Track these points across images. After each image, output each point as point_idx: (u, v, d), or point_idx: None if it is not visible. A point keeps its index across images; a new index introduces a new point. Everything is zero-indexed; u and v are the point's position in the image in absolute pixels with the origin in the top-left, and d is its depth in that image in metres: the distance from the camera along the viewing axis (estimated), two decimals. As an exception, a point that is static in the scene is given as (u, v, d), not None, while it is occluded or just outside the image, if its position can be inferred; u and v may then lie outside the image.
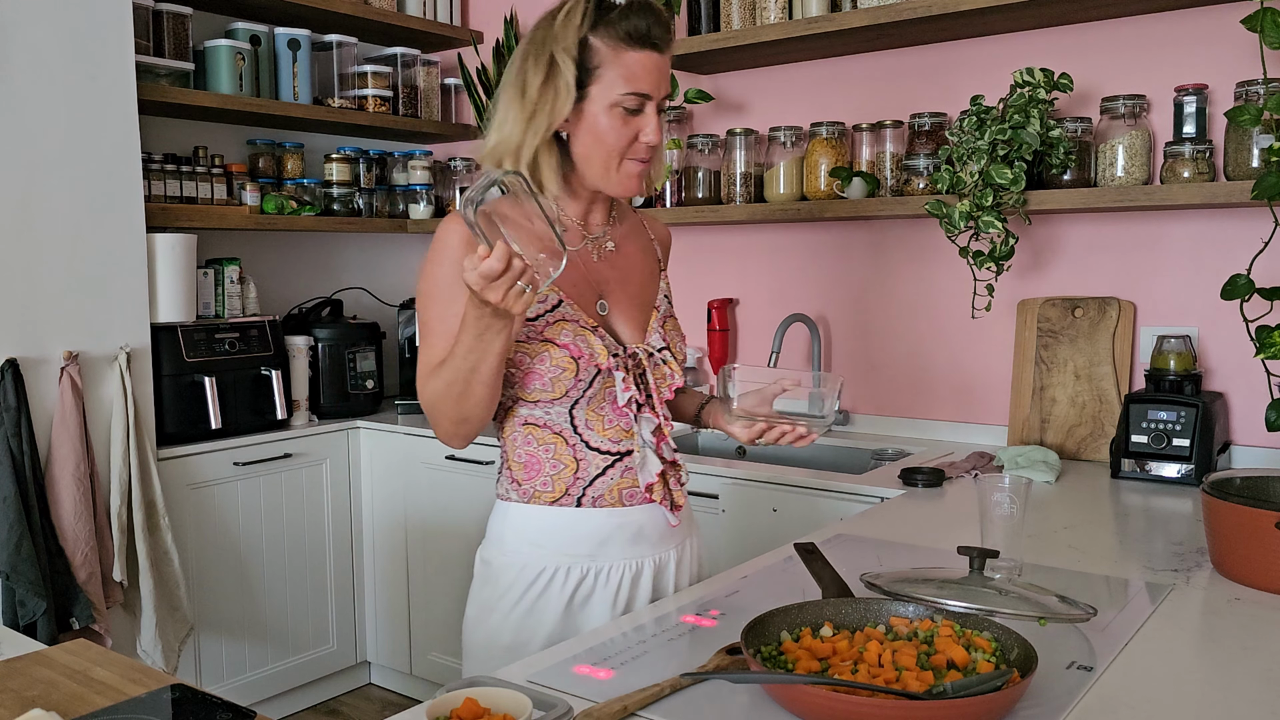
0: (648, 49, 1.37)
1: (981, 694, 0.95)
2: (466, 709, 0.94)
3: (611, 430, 1.44)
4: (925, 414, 2.71)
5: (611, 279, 1.49)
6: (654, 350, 1.49)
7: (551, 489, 1.43)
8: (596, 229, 1.50)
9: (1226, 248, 2.26)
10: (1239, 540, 1.44)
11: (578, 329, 1.40)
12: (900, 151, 2.57)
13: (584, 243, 1.48)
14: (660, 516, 1.48)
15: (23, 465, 2.32)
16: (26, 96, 2.37)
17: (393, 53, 3.44)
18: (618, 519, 1.45)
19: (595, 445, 1.43)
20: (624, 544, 1.46)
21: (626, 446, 1.45)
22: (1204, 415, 2.09)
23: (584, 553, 1.44)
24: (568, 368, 1.39)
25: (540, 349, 1.39)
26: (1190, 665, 1.20)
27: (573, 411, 1.42)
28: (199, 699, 1.09)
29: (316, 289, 3.48)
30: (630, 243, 1.55)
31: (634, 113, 1.38)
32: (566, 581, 1.43)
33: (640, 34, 1.36)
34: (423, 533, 2.99)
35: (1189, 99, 2.18)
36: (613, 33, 1.36)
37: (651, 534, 1.48)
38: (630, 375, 1.43)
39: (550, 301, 1.40)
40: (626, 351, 1.45)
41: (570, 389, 1.40)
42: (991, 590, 1.20)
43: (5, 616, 2.27)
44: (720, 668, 1.12)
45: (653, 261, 1.58)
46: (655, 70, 1.38)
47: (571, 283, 1.43)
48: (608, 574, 1.45)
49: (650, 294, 1.54)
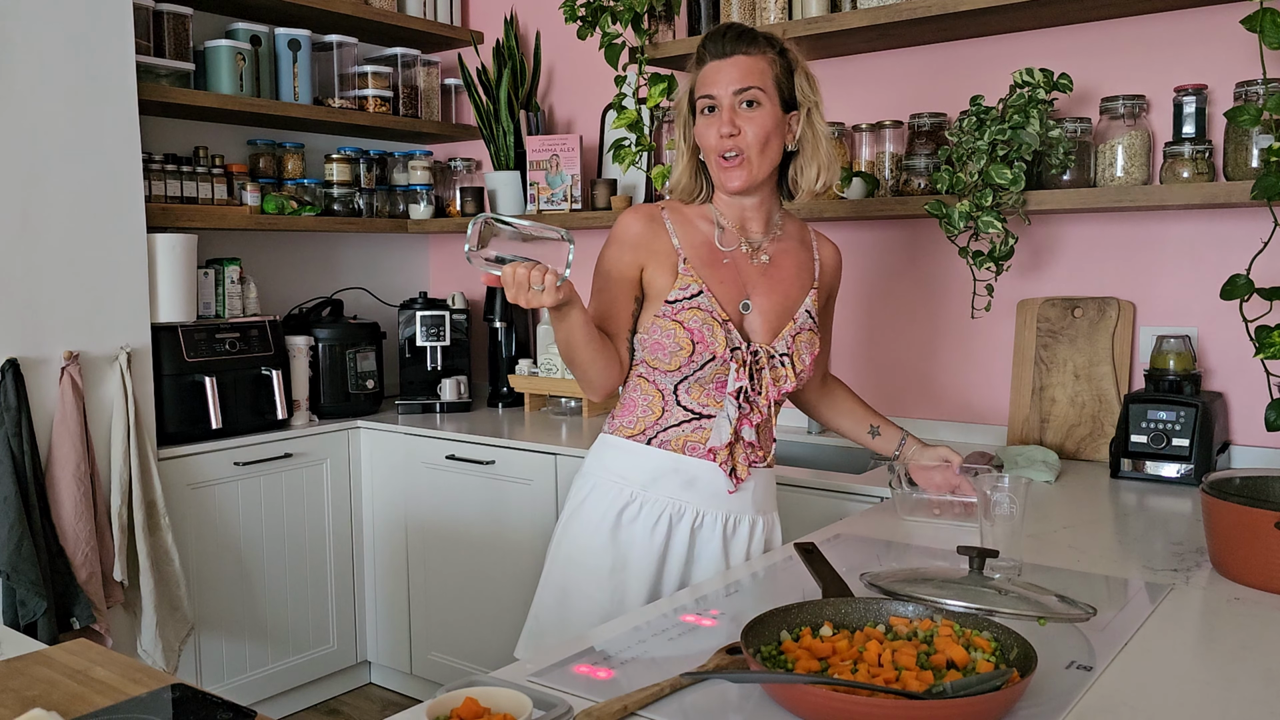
0: (711, 60, 1.64)
1: (981, 694, 0.96)
2: (466, 709, 0.94)
3: (705, 398, 1.65)
4: (925, 414, 2.71)
5: (761, 284, 1.68)
6: (775, 354, 1.66)
7: (634, 426, 1.68)
8: (755, 235, 1.71)
9: (1226, 248, 2.26)
10: (1238, 540, 1.44)
11: (708, 319, 1.61)
12: (900, 151, 2.58)
13: (739, 245, 1.69)
14: (719, 477, 1.65)
15: (23, 465, 2.32)
16: (27, 96, 2.37)
17: (393, 53, 3.44)
18: (673, 463, 1.65)
19: (684, 404, 1.65)
20: (675, 486, 1.65)
21: (712, 411, 1.65)
22: (1203, 415, 2.09)
23: (636, 480, 1.66)
24: (685, 347, 1.60)
25: (669, 326, 1.61)
26: (1190, 665, 1.20)
27: (678, 385, 1.65)
28: (199, 699, 1.09)
29: (317, 289, 3.49)
30: (788, 256, 1.73)
31: (709, 113, 1.63)
32: (614, 500, 1.66)
33: (708, 52, 1.65)
34: (423, 533, 2.99)
35: (1188, 99, 2.18)
36: (697, 64, 1.67)
37: (704, 488, 1.66)
38: (745, 369, 1.62)
39: (690, 290, 1.62)
40: (749, 348, 1.64)
41: (683, 365, 1.62)
42: (991, 590, 1.20)
43: (6, 616, 2.27)
44: (720, 668, 1.12)
45: (807, 277, 1.74)
46: (716, 73, 1.62)
47: (719, 279, 1.65)
48: (650, 506, 1.65)
49: (794, 305, 1.71)
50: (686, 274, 1.63)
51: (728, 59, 1.62)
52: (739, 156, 1.61)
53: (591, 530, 1.68)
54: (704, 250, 1.67)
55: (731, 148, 1.61)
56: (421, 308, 3.30)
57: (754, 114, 1.61)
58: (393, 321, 3.57)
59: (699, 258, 1.66)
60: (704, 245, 1.67)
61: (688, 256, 1.65)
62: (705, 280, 1.64)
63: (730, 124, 1.59)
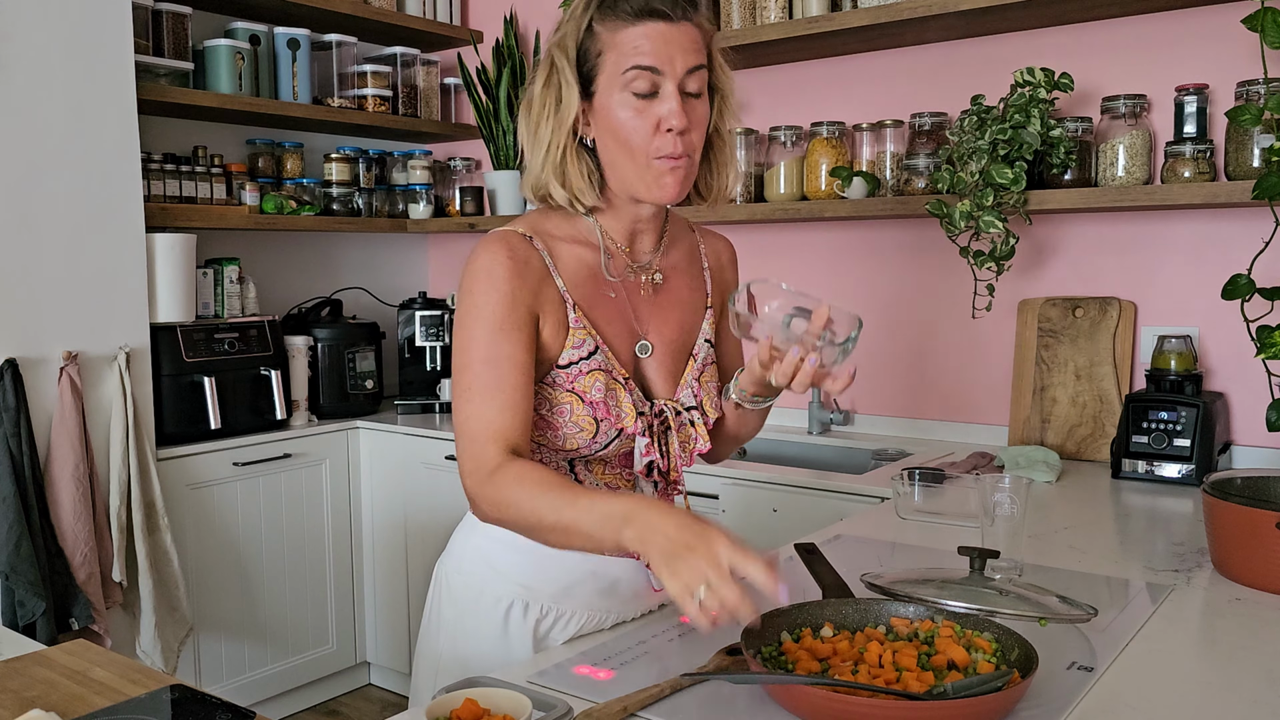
0: (651, 19, 1.17)
1: (982, 694, 0.95)
2: (466, 709, 0.94)
3: (610, 476, 1.30)
4: (925, 414, 2.71)
5: (654, 316, 1.32)
6: (682, 409, 1.31)
7: None
8: (644, 256, 1.33)
9: (1227, 248, 2.26)
10: (1240, 540, 1.44)
11: (610, 381, 1.25)
12: (901, 151, 2.57)
13: (627, 273, 1.31)
14: (641, 576, 1.32)
15: (22, 465, 2.31)
16: (26, 96, 2.37)
17: (392, 52, 3.44)
18: (590, 565, 1.28)
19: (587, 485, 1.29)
20: (593, 593, 1.30)
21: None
22: (1204, 415, 2.08)
23: (547, 592, 1.29)
24: (586, 428, 1.24)
25: (564, 400, 1.23)
26: (1191, 666, 1.19)
27: (573, 462, 1.29)
28: (198, 699, 1.09)
29: (316, 289, 3.48)
30: (679, 275, 1.36)
31: (647, 97, 1.18)
32: (526, 616, 1.29)
33: (639, 7, 1.18)
34: (422, 533, 2.99)
35: (1189, 99, 2.18)
36: (611, 13, 1.19)
37: (626, 591, 1.32)
38: (655, 440, 1.27)
39: (586, 347, 1.24)
40: (653, 409, 1.29)
41: (582, 448, 1.25)
42: (992, 590, 1.19)
43: (5, 617, 2.27)
44: (720, 668, 1.12)
45: (699, 297, 1.38)
46: (663, 40, 1.17)
47: (609, 320, 1.27)
48: (568, 619, 1.30)
49: (690, 338, 1.35)
50: (578, 325, 1.24)
51: (677, 23, 1.19)
52: (687, 160, 1.21)
53: (513, 641, 1.30)
54: (588, 286, 1.27)
55: (683, 149, 1.20)
56: (421, 308, 3.29)
57: (699, 105, 1.22)
58: (392, 321, 3.57)
59: (585, 297, 1.26)
60: (588, 279, 1.27)
61: (575, 300, 1.25)
62: (597, 326, 1.26)
63: (683, 115, 1.18)
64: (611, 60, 1.19)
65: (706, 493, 2.34)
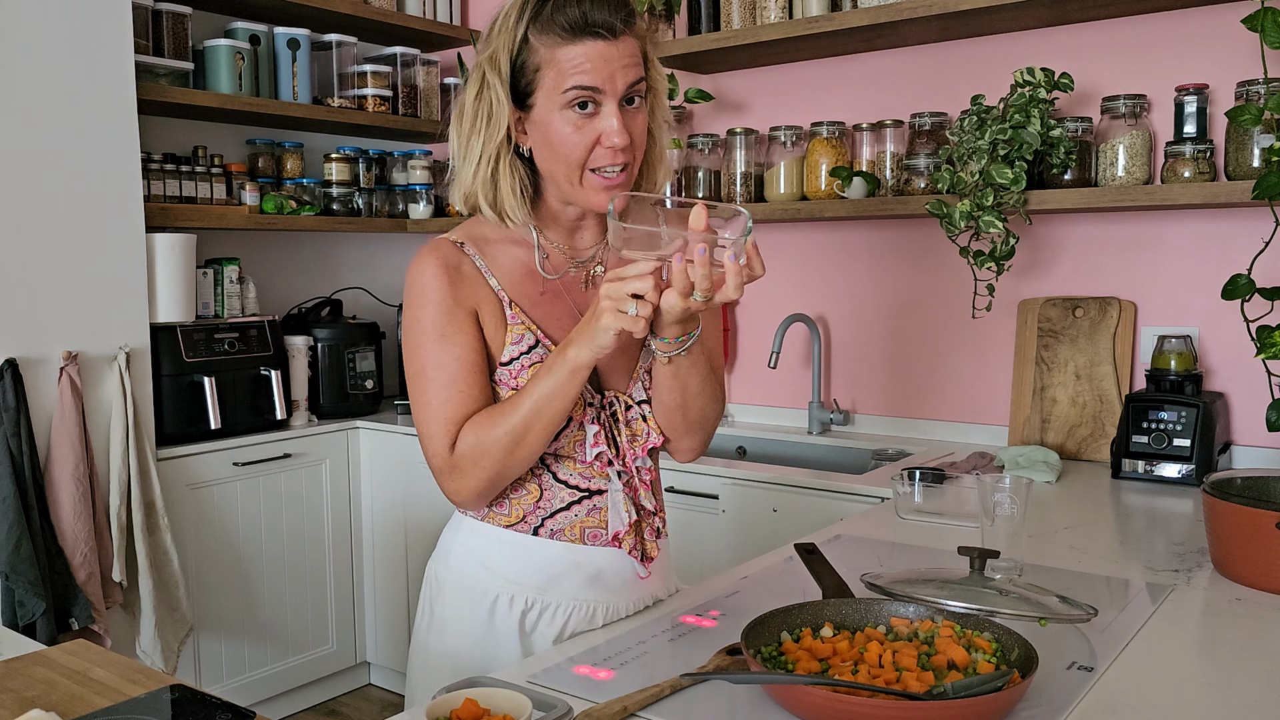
0: (589, 38, 1.17)
1: (982, 694, 0.95)
2: (466, 709, 0.94)
3: (584, 468, 1.31)
4: (925, 414, 2.71)
5: None
6: (633, 403, 1.32)
7: (508, 512, 1.32)
8: (585, 251, 1.34)
9: (1227, 248, 2.26)
10: (1240, 540, 1.44)
11: None
12: (901, 151, 2.57)
13: (569, 269, 1.32)
14: (627, 565, 1.34)
15: (22, 465, 2.31)
16: (26, 96, 2.37)
17: (392, 52, 3.44)
18: (575, 556, 1.31)
19: (564, 479, 1.31)
20: (579, 584, 1.32)
21: (599, 486, 1.32)
22: (1204, 415, 2.08)
23: (532, 584, 1.31)
24: None
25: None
26: (1191, 666, 1.19)
27: (545, 460, 1.31)
28: (198, 699, 1.09)
29: (316, 289, 3.48)
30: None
31: (588, 114, 1.19)
32: (512, 609, 1.31)
33: (576, 23, 1.17)
34: (422, 533, 2.99)
35: (1189, 99, 2.18)
36: (548, 27, 1.18)
37: (613, 580, 1.33)
38: (603, 429, 1.29)
39: (525, 342, 1.27)
40: (602, 400, 1.30)
41: None
42: (992, 590, 1.19)
43: (5, 617, 2.27)
44: (720, 668, 1.12)
45: None
46: (603, 60, 1.17)
47: (554, 318, 1.30)
48: (554, 610, 1.32)
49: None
50: (516, 321, 1.28)
51: (616, 40, 1.18)
52: (625, 175, 1.22)
53: (497, 638, 1.33)
54: (526, 284, 1.30)
55: (624, 160, 1.21)
56: (421, 308, 3.29)
57: (638, 113, 1.23)
58: (392, 321, 3.57)
59: (523, 295, 1.29)
60: (525, 277, 1.30)
61: (512, 298, 1.28)
62: (538, 323, 1.28)
63: (624, 132, 1.19)
64: (550, 77, 1.19)
65: (707, 492, 2.34)
